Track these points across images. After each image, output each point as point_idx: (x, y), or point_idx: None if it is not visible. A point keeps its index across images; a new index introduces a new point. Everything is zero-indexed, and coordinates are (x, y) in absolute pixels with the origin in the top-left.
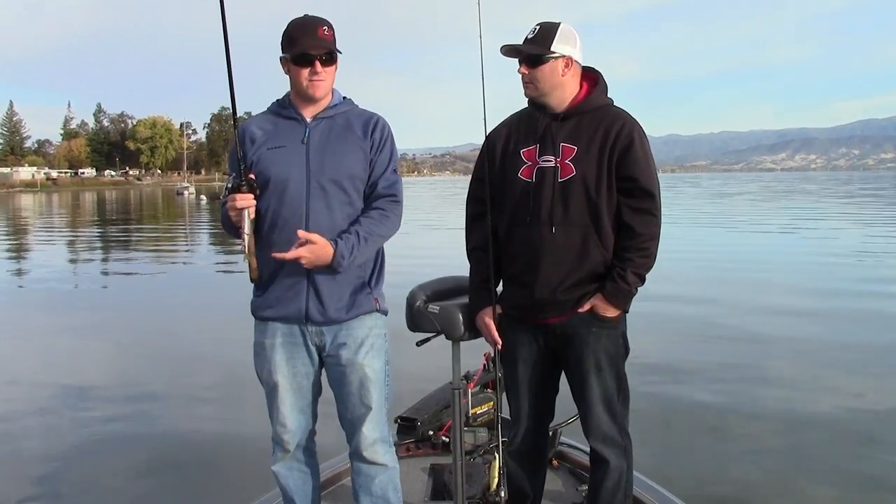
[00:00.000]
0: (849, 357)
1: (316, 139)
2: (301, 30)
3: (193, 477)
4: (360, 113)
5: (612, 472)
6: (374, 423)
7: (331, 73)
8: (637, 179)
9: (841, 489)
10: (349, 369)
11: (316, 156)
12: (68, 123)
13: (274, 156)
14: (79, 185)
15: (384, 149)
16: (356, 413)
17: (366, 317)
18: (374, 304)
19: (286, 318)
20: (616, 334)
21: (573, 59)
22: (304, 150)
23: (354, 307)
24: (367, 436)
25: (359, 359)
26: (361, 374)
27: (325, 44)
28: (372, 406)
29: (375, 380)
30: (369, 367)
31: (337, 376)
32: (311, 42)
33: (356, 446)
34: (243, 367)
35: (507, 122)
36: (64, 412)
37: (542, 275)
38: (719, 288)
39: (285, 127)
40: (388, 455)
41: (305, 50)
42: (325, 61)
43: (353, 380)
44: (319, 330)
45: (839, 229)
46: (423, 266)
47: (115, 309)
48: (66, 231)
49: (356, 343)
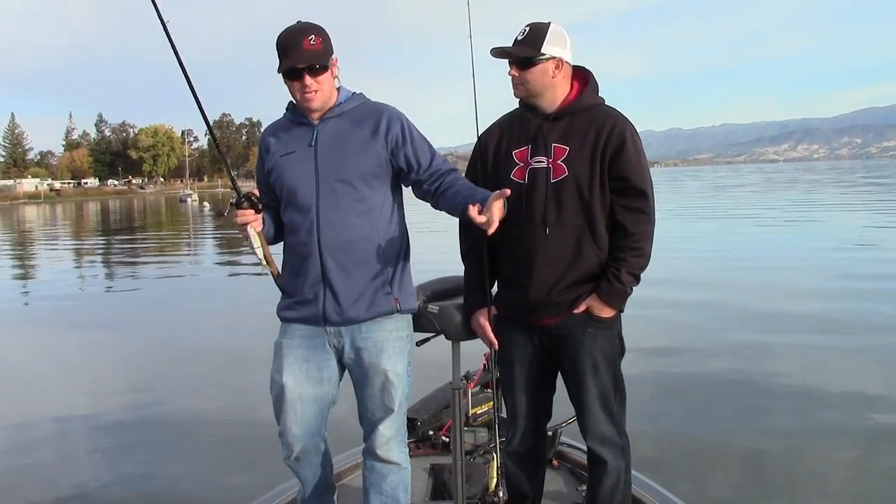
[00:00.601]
0: (857, 352)
1: (323, 141)
2: (287, 43)
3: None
4: (370, 107)
5: (611, 472)
6: (392, 422)
7: (325, 81)
8: (629, 179)
9: (847, 488)
10: (371, 372)
11: (324, 157)
12: (70, 134)
13: (285, 162)
14: (82, 196)
15: (414, 139)
16: (377, 414)
17: (385, 320)
18: (395, 304)
19: (306, 320)
20: (612, 334)
21: (563, 60)
22: (312, 153)
23: (373, 307)
24: (383, 434)
25: (382, 363)
26: (384, 378)
27: (311, 55)
28: (393, 408)
29: (397, 383)
30: (392, 372)
31: (359, 378)
32: (297, 55)
33: (371, 444)
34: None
35: (499, 123)
36: (75, 421)
37: (536, 276)
38: (719, 281)
39: (296, 132)
40: (402, 455)
41: (292, 65)
42: (314, 72)
43: (376, 383)
44: (338, 332)
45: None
46: (422, 266)
47: (125, 317)
48: (71, 242)
49: (377, 347)
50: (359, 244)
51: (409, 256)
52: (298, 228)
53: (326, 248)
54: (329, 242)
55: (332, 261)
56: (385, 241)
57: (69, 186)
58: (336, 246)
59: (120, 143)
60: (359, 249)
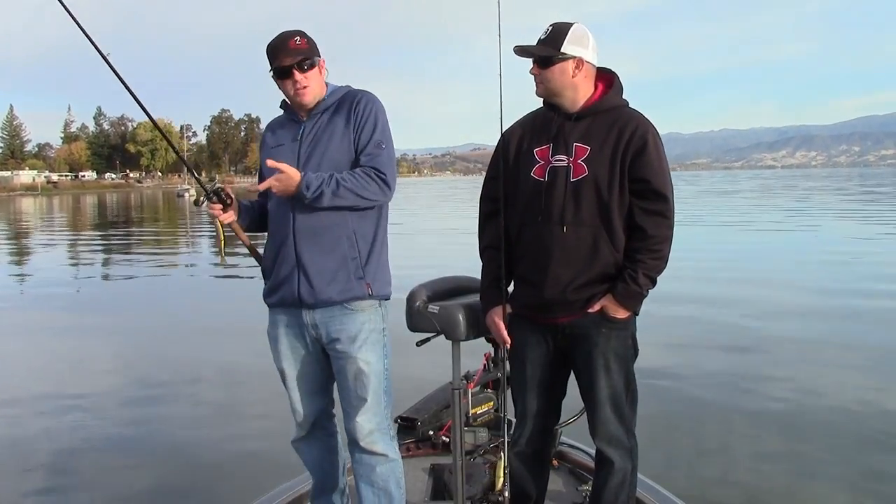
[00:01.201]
0: (854, 356)
1: (308, 134)
2: (275, 46)
3: (199, 478)
4: (350, 95)
5: (617, 473)
6: (371, 414)
7: (313, 77)
8: (650, 181)
9: (846, 491)
10: (344, 362)
11: (306, 150)
12: (68, 127)
13: (273, 154)
14: (79, 189)
15: (367, 122)
16: (352, 404)
17: (358, 312)
18: (366, 289)
19: (283, 302)
20: (625, 335)
21: (584, 60)
22: (296, 146)
23: (345, 291)
24: (363, 426)
25: (353, 353)
26: (356, 367)
27: (297, 52)
28: (367, 398)
29: (370, 372)
30: (363, 361)
31: (336, 367)
32: (285, 55)
33: (353, 436)
34: (244, 364)
35: (521, 122)
36: (68, 413)
37: (551, 274)
38: (719, 287)
39: (288, 126)
40: (389, 447)
41: (281, 63)
42: (302, 69)
43: (349, 372)
44: (313, 321)
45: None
46: (422, 266)
47: (121, 309)
48: (68, 234)
49: (349, 338)
50: (331, 229)
51: (385, 244)
52: (276, 214)
53: (300, 232)
54: (302, 227)
55: (304, 245)
56: (358, 228)
57: (66, 179)
58: (309, 231)
59: (118, 137)
60: (331, 234)
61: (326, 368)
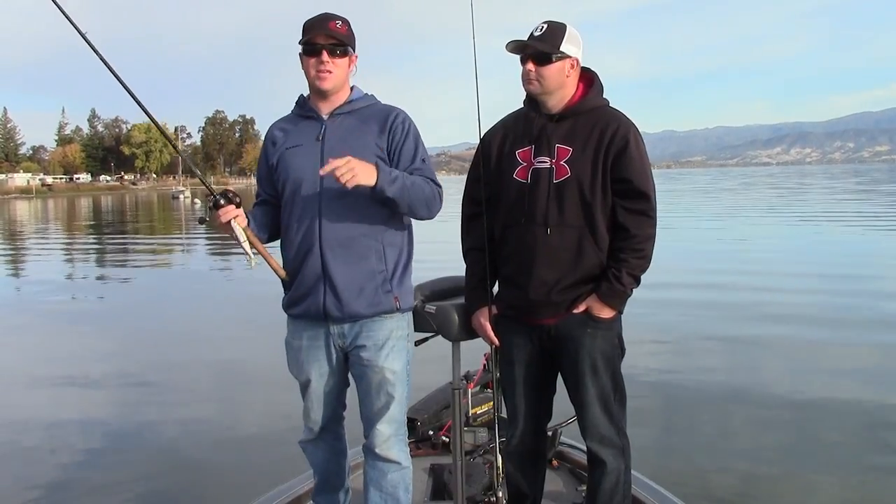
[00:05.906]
0: (853, 349)
1: (332, 135)
2: (314, 22)
3: (198, 477)
4: (380, 109)
5: (610, 473)
6: (390, 421)
7: (341, 66)
8: (632, 181)
9: (840, 485)
10: (369, 370)
11: (331, 152)
12: (62, 129)
13: (291, 155)
14: (74, 191)
15: (408, 139)
16: (374, 410)
17: (386, 319)
18: (395, 303)
19: (307, 315)
20: (611, 335)
21: (578, 61)
22: (318, 147)
23: (373, 304)
24: (382, 432)
25: (379, 361)
26: (381, 376)
27: (334, 35)
28: (390, 406)
29: (395, 381)
30: (389, 371)
31: (358, 374)
32: (320, 33)
33: (371, 442)
34: (244, 364)
35: (502, 123)
36: (68, 414)
37: (536, 275)
38: (714, 282)
39: (304, 126)
40: (402, 453)
41: (312, 39)
42: (333, 53)
43: (373, 380)
44: (341, 330)
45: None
46: (421, 266)
47: (121, 310)
48: (63, 238)
49: (376, 346)
50: (360, 240)
51: (412, 256)
52: (300, 222)
53: (327, 243)
54: (330, 238)
55: (332, 256)
56: (387, 239)
57: (61, 182)
58: (337, 241)
59: (113, 139)
60: (360, 246)
61: (345, 376)
